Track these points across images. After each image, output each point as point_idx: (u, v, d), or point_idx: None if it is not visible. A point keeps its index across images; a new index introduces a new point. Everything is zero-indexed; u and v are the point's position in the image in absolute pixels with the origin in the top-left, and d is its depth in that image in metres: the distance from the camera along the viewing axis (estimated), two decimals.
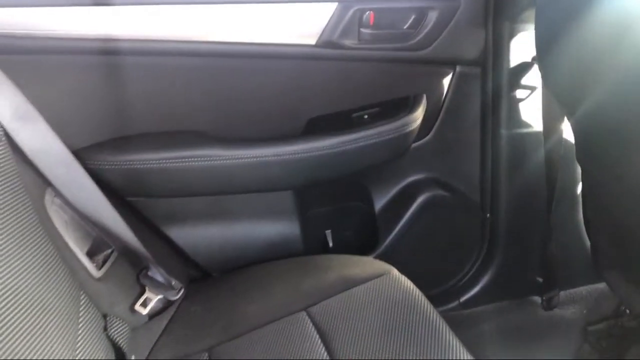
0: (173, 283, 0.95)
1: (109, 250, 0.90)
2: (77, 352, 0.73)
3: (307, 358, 0.85)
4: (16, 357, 0.63)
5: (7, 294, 0.65)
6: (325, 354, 0.85)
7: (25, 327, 0.66)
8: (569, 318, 1.35)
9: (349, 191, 1.24)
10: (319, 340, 0.87)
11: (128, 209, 1.05)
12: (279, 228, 1.15)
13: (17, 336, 0.64)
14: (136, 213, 1.05)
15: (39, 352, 0.66)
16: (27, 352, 0.65)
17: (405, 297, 0.92)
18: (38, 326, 0.67)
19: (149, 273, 0.94)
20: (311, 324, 0.91)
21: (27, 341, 0.65)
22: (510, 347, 1.02)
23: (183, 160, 0.98)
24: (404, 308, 0.90)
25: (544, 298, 1.34)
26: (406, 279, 0.97)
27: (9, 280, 0.66)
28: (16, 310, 0.65)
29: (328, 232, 1.23)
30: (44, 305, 0.70)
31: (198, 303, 1.01)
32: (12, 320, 0.64)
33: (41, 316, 0.69)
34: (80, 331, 0.75)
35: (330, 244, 1.23)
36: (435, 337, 0.84)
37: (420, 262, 1.23)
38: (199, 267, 1.12)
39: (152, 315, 0.96)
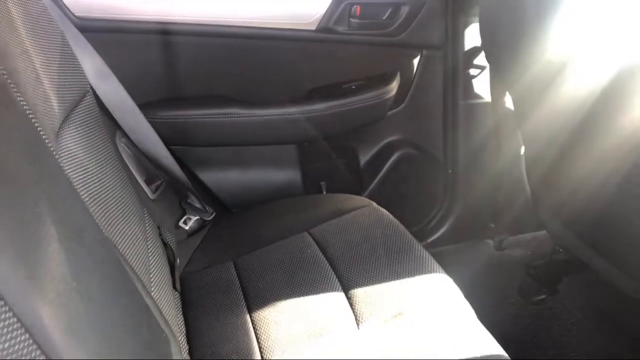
0: (207, 208, 1.24)
1: (160, 181, 1.20)
2: (148, 240, 1.01)
3: (310, 262, 1.13)
4: (110, 236, 0.91)
5: (107, 191, 0.92)
6: (323, 258, 1.14)
7: (115, 214, 0.93)
8: (516, 257, 1.65)
9: (340, 150, 1.54)
10: (318, 250, 1.16)
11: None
12: (284, 175, 1.45)
13: (110, 219, 0.91)
14: (177, 159, 1.34)
15: (125, 235, 0.94)
16: (116, 234, 0.92)
17: (383, 219, 1.22)
18: (123, 215, 0.94)
19: (189, 200, 1.24)
20: (312, 240, 1.20)
21: (117, 224, 0.92)
22: (467, 280, 1.28)
23: (214, 116, 1.28)
24: (383, 227, 1.19)
25: (495, 241, 1.65)
26: (383, 209, 1.26)
27: (106, 180, 0.93)
28: (108, 201, 0.92)
29: (323, 184, 1.52)
30: (124, 202, 0.97)
31: (224, 228, 1.30)
32: (107, 208, 0.91)
33: (123, 209, 0.96)
34: (147, 227, 1.03)
35: (324, 193, 1.53)
36: (408, 246, 1.12)
37: (395, 208, 1.54)
38: (222, 203, 1.41)
39: (191, 234, 1.25)
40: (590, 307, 1.49)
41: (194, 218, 1.22)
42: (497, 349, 0.87)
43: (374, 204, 1.28)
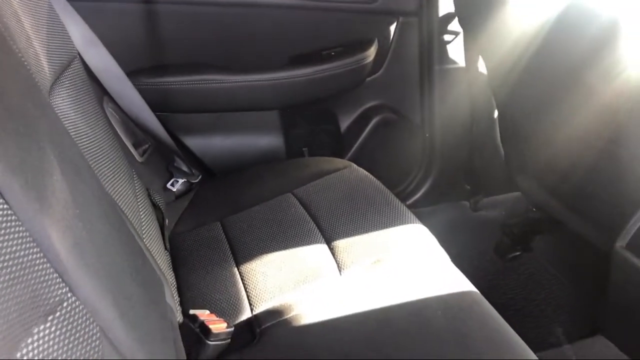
0: (193, 171, 1.29)
1: (147, 145, 1.24)
2: (138, 199, 1.06)
3: (295, 219, 1.19)
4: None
5: (97, 148, 0.96)
6: (307, 215, 1.19)
7: (107, 171, 0.97)
8: (491, 217, 1.72)
9: (322, 116, 1.59)
10: (302, 209, 1.21)
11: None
12: (267, 141, 1.50)
13: (102, 174, 0.95)
14: (162, 124, 1.38)
15: (116, 190, 0.98)
16: (109, 187, 0.96)
17: (364, 179, 1.28)
18: (113, 171, 0.98)
19: (175, 164, 1.28)
20: (296, 200, 1.25)
21: (109, 179, 0.96)
22: (444, 239, 1.34)
23: (196, 82, 1.32)
24: (364, 185, 1.25)
25: (471, 202, 1.72)
26: (364, 170, 1.32)
27: (98, 139, 0.97)
28: (99, 158, 0.96)
29: (305, 150, 1.57)
30: (114, 161, 1.01)
31: (210, 190, 1.35)
32: (99, 164, 0.95)
33: (114, 167, 1.00)
34: (137, 187, 1.08)
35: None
36: (387, 201, 1.19)
37: (375, 171, 1.59)
38: (207, 168, 1.46)
39: (178, 196, 1.29)
40: (563, 262, 1.57)
41: (181, 181, 1.27)
42: (469, 287, 0.93)
43: (354, 165, 1.34)
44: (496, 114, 1.59)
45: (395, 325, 0.89)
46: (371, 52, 1.44)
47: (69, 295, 0.49)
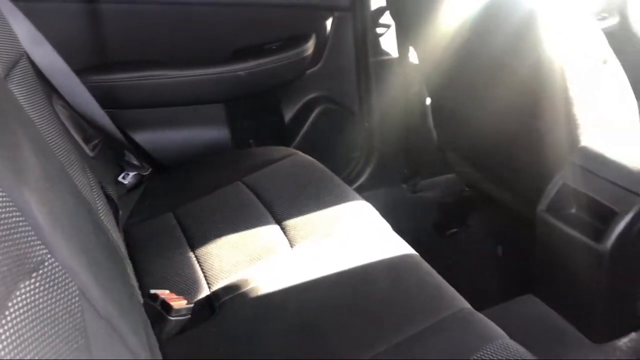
0: (144, 164, 1.33)
1: (97, 140, 1.27)
2: (93, 189, 1.09)
3: (246, 205, 1.25)
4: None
5: (51, 142, 0.99)
6: (257, 200, 1.25)
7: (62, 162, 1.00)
8: (429, 198, 1.84)
9: (266, 108, 1.66)
10: (252, 195, 1.28)
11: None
12: (214, 133, 1.56)
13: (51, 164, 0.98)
14: (112, 120, 1.42)
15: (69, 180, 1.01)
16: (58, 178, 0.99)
17: (309, 164, 1.35)
18: (67, 164, 1.02)
19: (125, 158, 1.32)
20: (245, 187, 1.31)
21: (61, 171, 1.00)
22: (387, 220, 1.40)
23: (142, 79, 1.37)
24: (309, 170, 1.33)
25: (409, 184, 1.83)
26: (309, 157, 1.39)
27: (51, 134, 1.00)
28: (56, 151, 0.99)
29: (251, 142, 1.63)
30: (67, 154, 1.04)
31: (161, 182, 1.40)
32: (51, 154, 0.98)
33: (68, 160, 1.03)
34: (90, 179, 1.11)
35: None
36: (332, 183, 1.26)
37: (319, 159, 1.64)
38: (157, 162, 1.50)
39: (130, 189, 1.33)
40: (496, 233, 1.69)
41: (132, 173, 1.31)
42: (409, 250, 1.02)
43: (300, 152, 1.41)
44: (428, 101, 1.71)
45: (345, 289, 0.97)
46: (309, 46, 1.52)
47: (49, 256, 0.54)
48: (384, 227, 1.11)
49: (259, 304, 0.98)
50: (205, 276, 1.08)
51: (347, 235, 1.09)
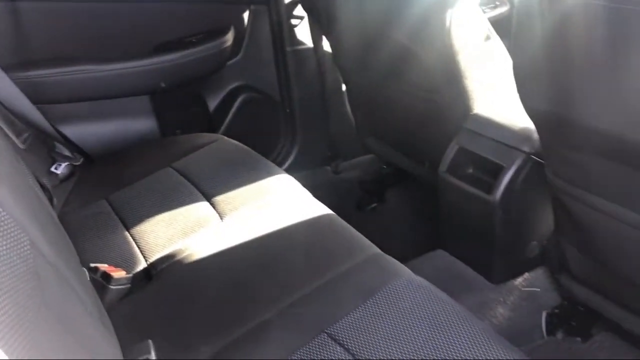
0: (74, 155, 1.39)
1: (27, 133, 1.32)
2: (28, 178, 1.14)
3: (177, 187, 1.32)
4: None
5: None
6: (188, 182, 1.33)
7: None
8: (350, 178, 1.97)
9: (191, 99, 1.73)
10: (182, 178, 1.36)
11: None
12: (142, 125, 1.62)
13: None
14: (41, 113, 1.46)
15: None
16: None
17: (236, 148, 1.45)
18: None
19: (57, 149, 1.37)
20: (175, 172, 1.39)
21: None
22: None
23: (68, 73, 1.42)
24: (236, 153, 1.42)
25: (332, 166, 1.96)
26: (234, 140, 1.49)
27: None
28: None
29: (178, 132, 1.71)
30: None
31: (92, 172, 1.46)
32: None
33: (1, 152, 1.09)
34: (24, 169, 1.16)
35: None
36: (257, 161, 1.36)
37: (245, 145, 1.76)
38: (87, 154, 1.55)
39: (63, 180, 1.38)
40: (411, 204, 1.85)
41: (64, 164, 1.36)
42: (328, 211, 1.15)
43: (225, 137, 1.51)
44: (344, 86, 1.84)
45: (270, 248, 1.08)
46: (229, 38, 1.62)
47: (0, 209, 0.62)
48: (305, 194, 1.22)
49: (193, 269, 1.07)
50: (141, 251, 1.16)
51: (271, 204, 1.20)
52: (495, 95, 1.29)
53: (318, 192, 1.34)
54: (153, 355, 0.83)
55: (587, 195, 1.01)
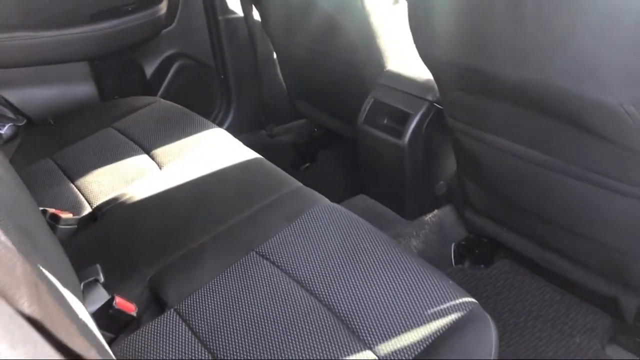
0: (17, 117, 1.46)
1: None
2: None
3: (119, 144, 1.42)
4: None
5: None
6: (128, 140, 1.44)
7: None
8: (285, 141, 2.10)
9: (128, 66, 1.82)
10: (123, 136, 1.45)
11: None
12: (82, 90, 1.70)
13: None
14: None
15: None
16: None
17: (172, 108, 1.55)
18: None
19: (0, 112, 1.45)
20: (116, 132, 1.49)
21: None
22: None
23: (9, 39, 1.49)
24: (173, 112, 1.53)
25: (267, 130, 2.09)
26: (171, 102, 1.60)
27: None
28: None
29: (117, 97, 1.79)
30: None
31: (36, 134, 1.53)
32: None
33: None
34: None
35: None
36: (192, 119, 1.47)
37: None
38: (30, 117, 1.62)
39: (7, 140, 1.46)
40: (339, 161, 2.00)
41: (7, 125, 1.44)
42: (257, 155, 1.28)
43: (162, 99, 1.61)
44: (275, 54, 1.96)
45: (207, 187, 1.21)
46: (162, 7, 1.71)
47: None
48: (237, 143, 1.35)
49: (134, 209, 1.19)
50: (86, 198, 1.26)
51: (206, 153, 1.32)
52: (405, 52, 1.45)
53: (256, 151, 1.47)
54: (101, 278, 0.94)
55: (481, 133, 1.18)
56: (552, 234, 1.24)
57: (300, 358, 0.84)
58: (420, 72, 1.39)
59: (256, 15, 1.85)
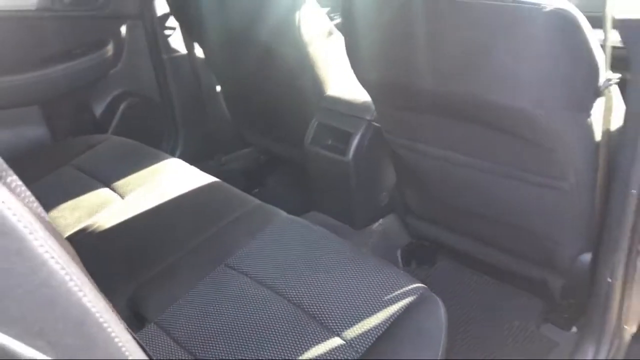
0: None
1: None
2: None
3: (79, 181, 1.48)
4: None
5: None
6: (87, 176, 1.50)
7: None
8: (234, 169, 2.20)
9: (79, 107, 1.88)
10: (81, 172, 1.52)
11: None
12: (34, 132, 1.75)
13: None
14: None
15: None
16: None
17: (125, 143, 1.63)
18: None
19: None
20: (73, 169, 1.54)
21: None
22: None
23: None
24: (126, 146, 1.61)
25: (215, 159, 2.18)
26: (123, 138, 1.67)
27: None
28: None
29: (69, 138, 1.84)
30: None
31: None
32: None
33: None
34: None
35: None
36: (146, 151, 1.56)
37: None
38: None
39: None
40: (289, 184, 2.12)
41: None
42: (213, 179, 1.38)
43: (115, 136, 1.69)
44: (219, 87, 2.07)
45: (172, 213, 1.30)
46: (109, 49, 1.80)
47: None
48: (194, 170, 1.45)
49: (104, 236, 1.26)
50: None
51: (165, 181, 1.41)
52: (343, 78, 1.60)
53: None
54: None
55: (414, 144, 1.33)
56: (486, 229, 1.39)
57: (277, 352, 0.94)
58: (357, 94, 1.54)
59: (199, 51, 1.96)
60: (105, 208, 1.35)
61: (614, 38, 0.96)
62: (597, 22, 0.94)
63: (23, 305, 0.38)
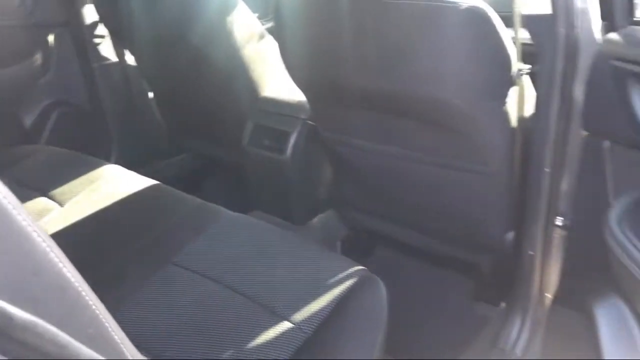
0: None
1: None
2: None
3: (15, 193, 1.46)
4: None
5: None
6: (27, 189, 1.47)
7: None
8: (169, 177, 2.20)
9: (7, 118, 1.84)
10: (16, 185, 1.49)
11: None
12: None
13: None
14: None
15: None
16: None
17: (60, 152, 1.61)
18: None
19: None
20: (8, 181, 1.51)
21: None
22: None
23: None
24: (61, 155, 1.59)
25: (148, 168, 2.17)
26: (57, 148, 1.65)
27: None
28: None
29: None
30: None
31: None
32: None
33: None
34: None
35: None
36: (84, 159, 1.55)
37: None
38: None
39: None
40: (230, 186, 2.15)
41: None
42: (157, 183, 1.40)
43: (46, 146, 1.67)
44: (151, 94, 2.07)
45: (114, 217, 1.30)
46: (37, 58, 1.77)
47: None
48: (132, 174, 1.46)
49: None
50: None
51: (105, 186, 1.41)
52: (277, 80, 1.65)
53: None
54: None
55: (348, 138, 1.40)
56: (419, 218, 1.48)
57: (230, 343, 0.97)
58: (292, 95, 1.59)
59: (130, 58, 1.96)
60: (44, 216, 1.34)
61: (524, 35, 1.07)
62: (508, 21, 1.05)
63: (11, 275, 0.41)
